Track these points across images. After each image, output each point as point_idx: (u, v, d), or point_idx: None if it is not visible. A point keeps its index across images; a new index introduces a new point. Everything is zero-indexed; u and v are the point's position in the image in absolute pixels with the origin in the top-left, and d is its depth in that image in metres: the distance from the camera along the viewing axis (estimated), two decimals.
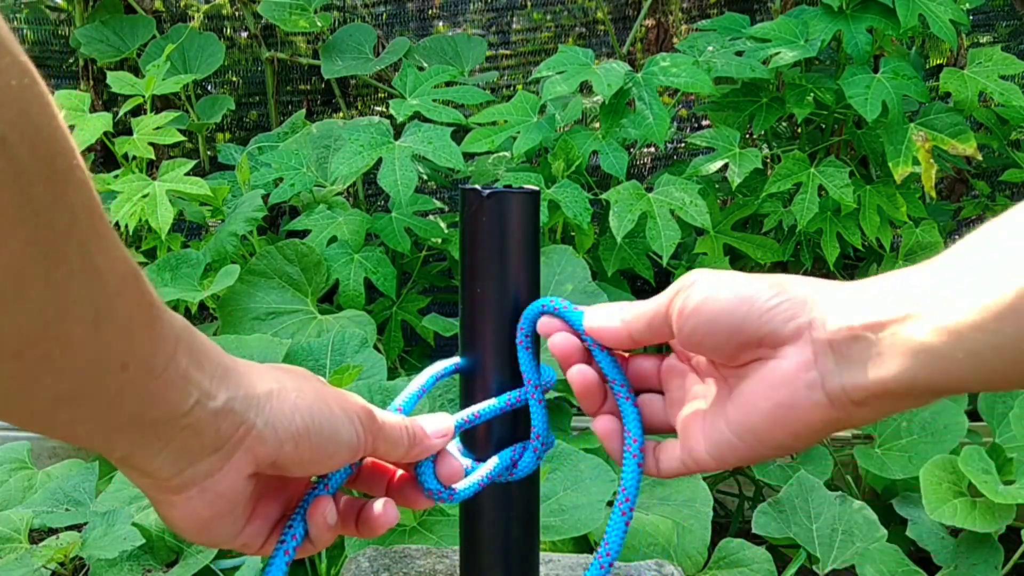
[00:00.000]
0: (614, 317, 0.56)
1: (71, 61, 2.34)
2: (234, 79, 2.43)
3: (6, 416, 0.40)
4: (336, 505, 0.55)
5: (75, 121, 1.72)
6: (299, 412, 0.49)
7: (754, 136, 2.08)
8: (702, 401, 0.55)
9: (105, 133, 1.72)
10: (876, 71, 1.78)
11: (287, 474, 0.51)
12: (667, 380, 0.59)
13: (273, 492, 0.55)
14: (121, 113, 1.83)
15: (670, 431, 0.58)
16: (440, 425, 0.59)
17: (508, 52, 2.43)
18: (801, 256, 1.91)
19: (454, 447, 0.65)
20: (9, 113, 0.31)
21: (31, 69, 0.33)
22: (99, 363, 0.39)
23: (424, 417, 0.59)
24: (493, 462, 0.62)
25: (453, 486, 0.60)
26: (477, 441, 0.64)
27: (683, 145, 2.32)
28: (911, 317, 0.44)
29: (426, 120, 1.81)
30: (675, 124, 2.19)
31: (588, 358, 0.59)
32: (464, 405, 0.64)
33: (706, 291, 0.50)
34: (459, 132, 1.82)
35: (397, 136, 1.77)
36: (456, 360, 0.63)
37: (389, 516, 0.56)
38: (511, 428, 0.63)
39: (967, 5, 1.90)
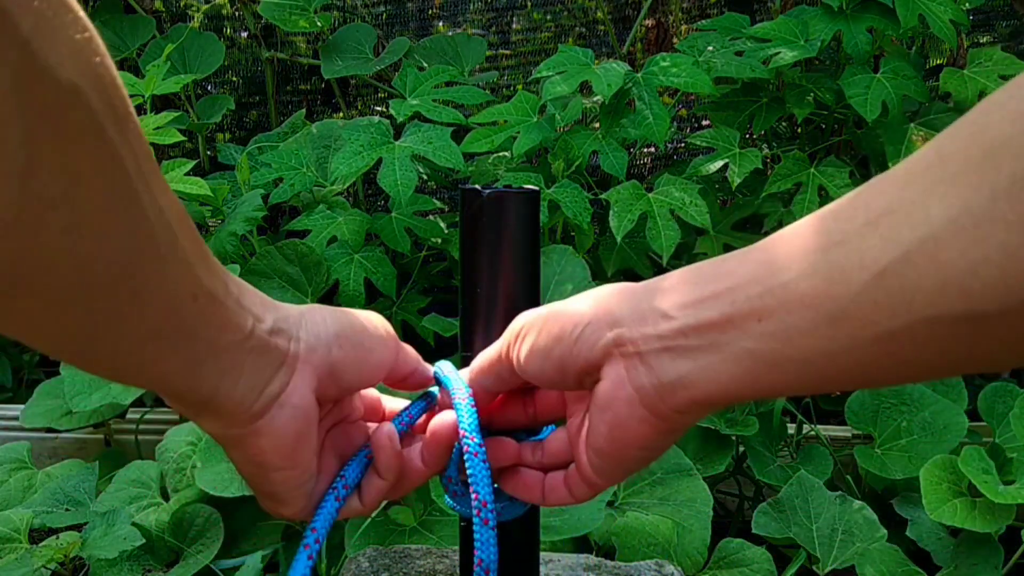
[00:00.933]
0: (471, 377, 0.59)
1: None
2: (234, 79, 2.43)
3: (97, 361, 0.42)
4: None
5: None
6: (329, 320, 0.54)
7: (754, 136, 2.08)
8: (576, 426, 0.55)
9: None
10: (876, 71, 1.78)
11: (344, 384, 0.55)
12: (569, 405, 0.58)
13: (337, 433, 0.60)
14: None
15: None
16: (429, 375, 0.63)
17: (508, 52, 2.43)
18: None
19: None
20: (79, 64, 0.34)
21: (89, 24, 0.35)
22: (175, 295, 0.43)
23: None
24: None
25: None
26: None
27: (683, 145, 2.32)
28: (733, 322, 0.42)
29: (426, 120, 1.81)
30: (675, 124, 2.19)
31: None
32: None
33: (531, 340, 0.52)
34: (459, 132, 1.82)
35: (397, 136, 1.77)
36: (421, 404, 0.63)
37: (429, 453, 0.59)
38: None
39: (967, 5, 1.90)
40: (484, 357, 0.57)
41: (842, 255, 0.38)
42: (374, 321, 0.58)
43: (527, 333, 0.52)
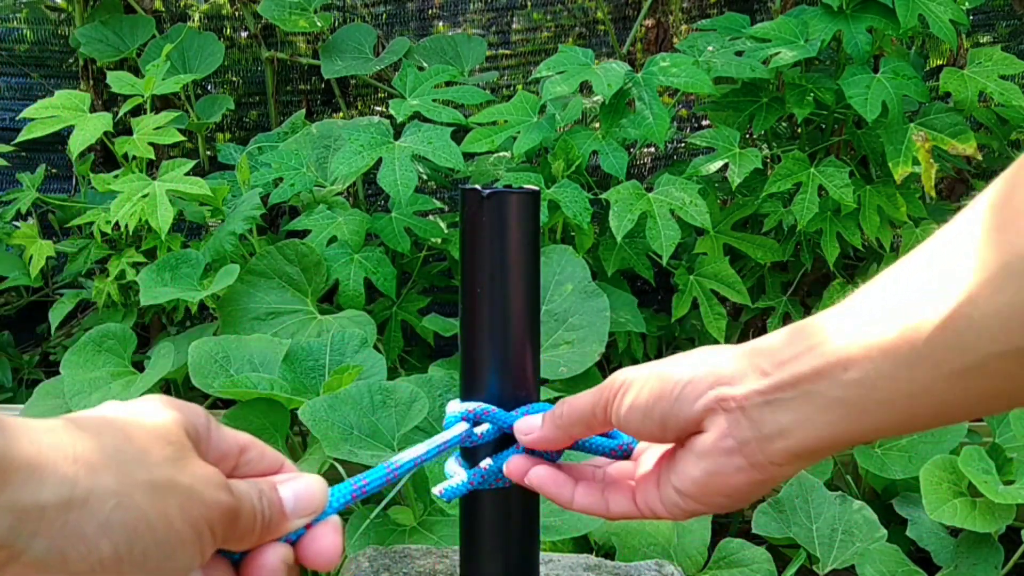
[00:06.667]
0: (548, 428, 0.59)
1: (71, 61, 2.34)
2: (234, 79, 2.43)
3: None
4: None
5: (75, 121, 1.72)
6: (111, 534, 0.36)
7: (754, 136, 2.08)
8: (652, 461, 0.59)
9: (105, 133, 1.72)
10: (876, 71, 1.78)
11: None
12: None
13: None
14: (121, 113, 1.83)
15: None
16: (308, 501, 0.49)
17: (508, 52, 2.43)
18: (801, 256, 1.91)
19: (453, 462, 0.65)
20: None
21: None
22: None
23: (295, 482, 0.49)
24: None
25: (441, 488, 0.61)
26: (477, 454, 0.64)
27: (683, 145, 2.32)
28: (822, 374, 0.46)
29: (426, 120, 1.81)
30: (675, 124, 2.19)
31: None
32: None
33: (631, 396, 0.54)
34: (459, 132, 1.82)
35: (397, 136, 1.77)
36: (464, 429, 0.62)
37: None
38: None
39: (967, 5, 1.90)
40: (575, 407, 0.58)
41: (912, 305, 0.43)
42: (199, 527, 0.41)
43: (627, 390, 0.55)
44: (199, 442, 0.44)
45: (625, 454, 0.63)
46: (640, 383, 0.54)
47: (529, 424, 0.61)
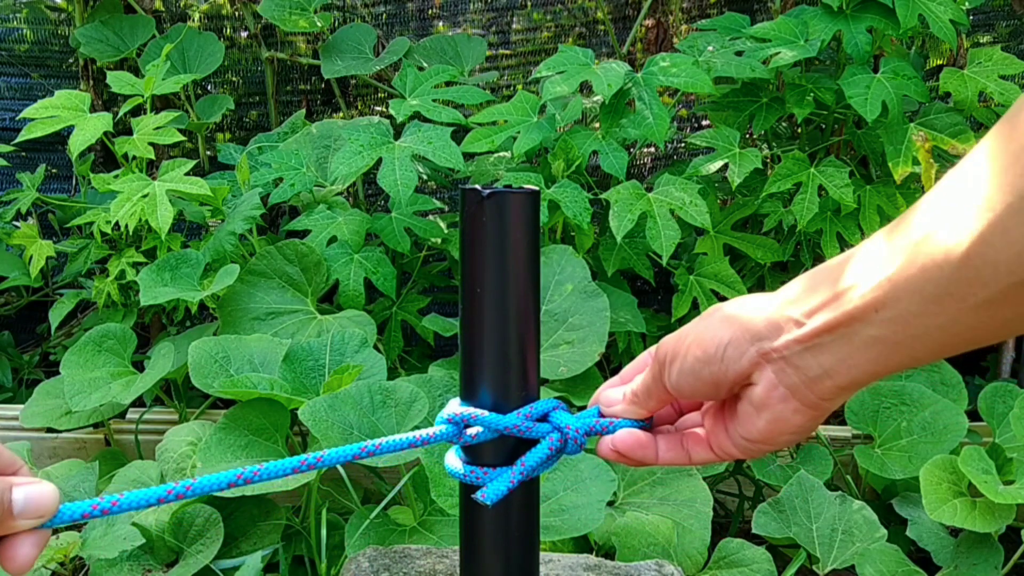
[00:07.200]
0: (629, 403, 0.65)
1: (71, 61, 2.34)
2: (234, 79, 2.42)
3: None
4: None
5: (75, 121, 1.72)
6: None
7: (754, 136, 2.08)
8: (720, 414, 0.64)
9: (105, 133, 1.72)
10: (876, 71, 1.78)
11: None
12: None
13: None
14: (121, 113, 1.83)
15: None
16: (37, 506, 0.51)
17: (508, 52, 2.43)
18: (801, 256, 1.91)
19: (452, 455, 0.65)
20: None
21: None
22: None
23: (29, 487, 0.51)
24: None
25: (483, 490, 0.62)
26: (482, 451, 0.64)
27: (683, 145, 2.32)
28: (856, 317, 0.50)
29: (426, 120, 1.81)
30: (675, 124, 2.19)
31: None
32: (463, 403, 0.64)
33: (679, 364, 0.59)
34: (459, 132, 1.82)
35: (397, 136, 1.77)
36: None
37: None
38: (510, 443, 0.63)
39: (967, 5, 1.90)
40: (640, 384, 0.64)
41: (931, 247, 0.46)
42: None
43: (672, 359, 0.59)
44: None
45: (604, 428, 0.66)
46: (683, 351, 0.59)
47: (609, 398, 0.66)
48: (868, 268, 0.50)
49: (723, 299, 1.83)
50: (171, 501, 0.53)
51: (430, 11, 2.41)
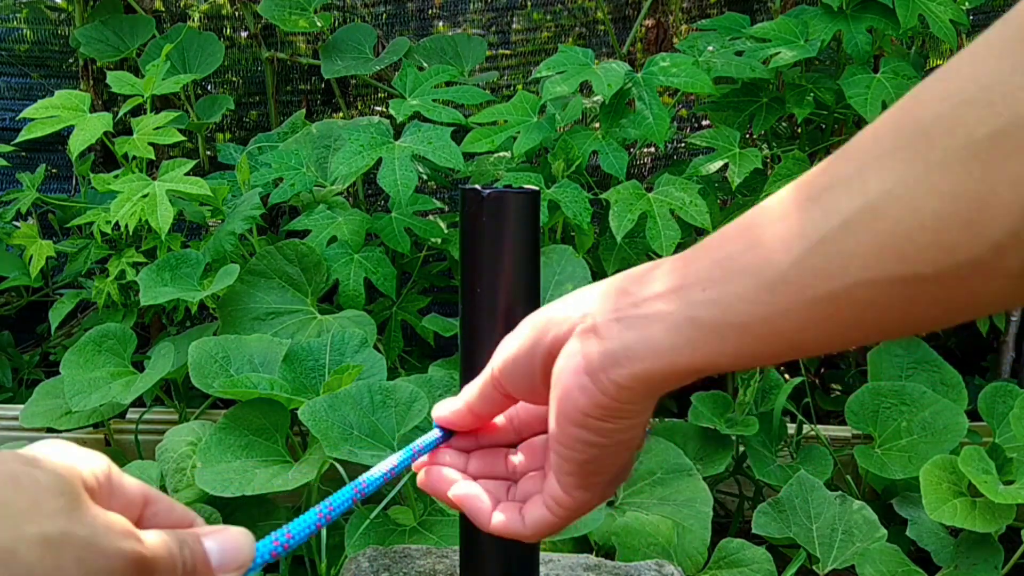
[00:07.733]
0: (457, 403, 0.56)
1: (71, 61, 2.34)
2: (234, 79, 2.43)
3: None
4: None
5: (75, 121, 1.72)
6: None
7: (754, 136, 2.08)
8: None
9: (105, 133, 1.72)
10: (876, 71, 1.78)
11: None
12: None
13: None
14: (121, 113, 1.83)
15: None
16: (234, 555, 0.45)
17: (508, 52, 2.43)
18: None
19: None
20: None
21: None
22: None
23: (220, 535, 0.45)
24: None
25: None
26: None
27: (683, 145, 2.32)
28: (678, 292, 0.44)
29: (426, 120, 1.81)
30: (675, 124, 2.19)
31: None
32: None
33: (505, 348, 0.52)
34: (459, 132, 1.82)
35: (397, 136, 1.77)
36: (437, 434, 0.58)
37: None
38: None
39: (967, 5, 1.90)
40: (472, 389, 0.56)
41: (783, 227, 0.41)
42: None
43: (500, 353, 0.52)
44: (98, 490, 0.41)
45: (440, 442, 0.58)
46: (516, 332, 0.52)
47: (442, 408, 0.58)
48: (716, 244, 0.44)
49: None
50: (329, 522, 0.50)
51: (430, 11, 2.41)
